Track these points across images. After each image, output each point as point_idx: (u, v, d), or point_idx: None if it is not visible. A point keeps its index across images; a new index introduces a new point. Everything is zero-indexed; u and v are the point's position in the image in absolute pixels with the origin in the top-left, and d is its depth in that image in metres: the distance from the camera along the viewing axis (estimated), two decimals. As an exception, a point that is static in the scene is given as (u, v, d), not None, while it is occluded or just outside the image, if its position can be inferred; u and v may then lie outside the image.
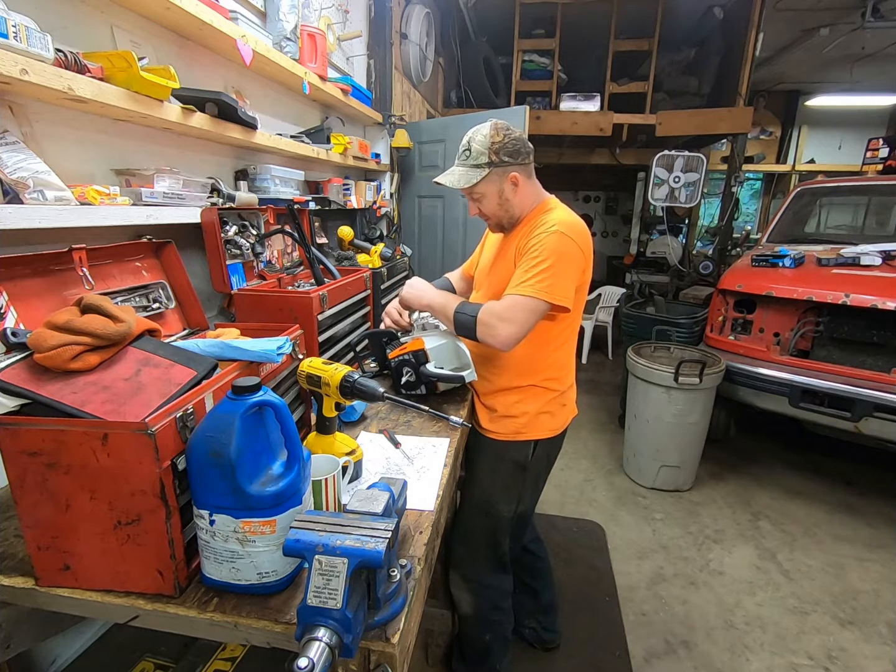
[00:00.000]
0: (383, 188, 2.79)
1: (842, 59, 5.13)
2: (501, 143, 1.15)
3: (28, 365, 0.70)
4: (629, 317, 3.32)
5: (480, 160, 1.16)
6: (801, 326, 2.58)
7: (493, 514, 1.36)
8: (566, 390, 1.35)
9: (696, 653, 1.74)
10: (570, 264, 1.13)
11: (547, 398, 1.30)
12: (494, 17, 4.23)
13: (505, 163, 1.16)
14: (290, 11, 1.68)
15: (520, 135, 1.19)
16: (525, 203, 1.24)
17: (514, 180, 1.18)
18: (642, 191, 6.33)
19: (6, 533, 0.81)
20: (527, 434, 1.30)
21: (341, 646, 0.55)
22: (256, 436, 0.68)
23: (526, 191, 1.22)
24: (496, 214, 1.24)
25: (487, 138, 1.15)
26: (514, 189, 1.20)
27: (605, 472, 2.92)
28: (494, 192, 1.20)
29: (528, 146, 1.21)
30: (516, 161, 1.17)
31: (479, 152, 1.16)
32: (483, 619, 1.44)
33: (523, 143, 1.19)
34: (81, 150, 1.09)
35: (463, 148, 1.20)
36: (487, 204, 1.22)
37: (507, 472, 1.33)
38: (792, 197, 3.63)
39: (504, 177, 1.18)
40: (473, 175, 1.18)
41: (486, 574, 1.42)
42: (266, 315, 1.27)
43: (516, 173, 1.18)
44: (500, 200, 1.21)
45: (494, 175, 1.17)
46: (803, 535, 2.37)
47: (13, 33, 0.78)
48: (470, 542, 1.42)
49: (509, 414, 1.30)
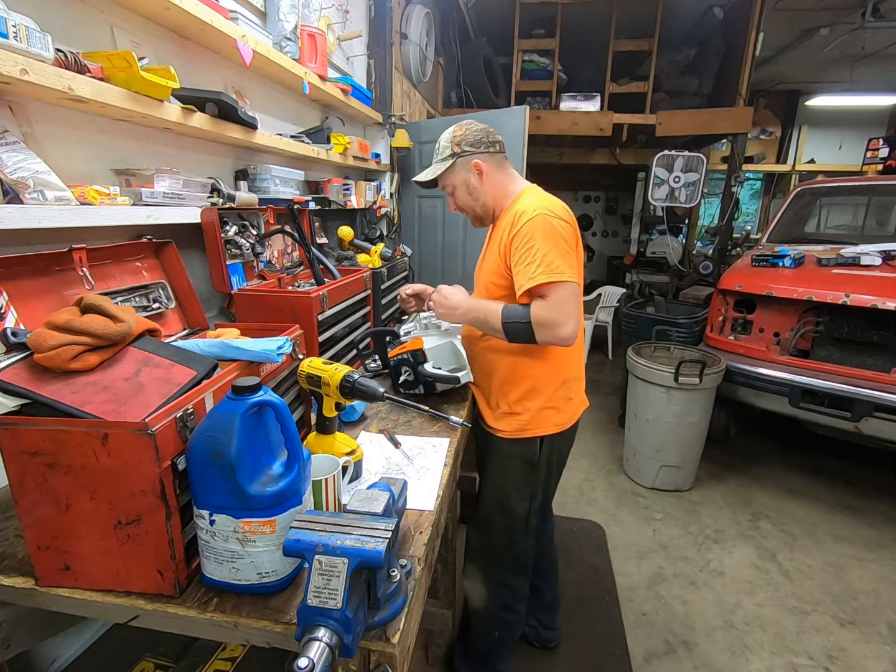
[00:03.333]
0: (383, 188, 2.79)
1: (842, 59, 5.13)
2: (462, 135, 1.24)
3: (28, 365, 0.70)
4: (629, 317, 3.32)
5: (445, 153, 1.26)
6: (801, 326, 2.58)
7: (508, 512, 1.36)
8: (571, 383, 1.32)
9: (696, 653, 1.74)
10: (565, 242, 1.14)
11: (549, 392, 1.28)
12: (494, 17, 4.23)
13: (466, 152, 1.24)
14: (290, 11, 1.68)
15: (484, 127, 1.26)
16: (495, 191, 1.27)
17: (476, 167, 1.24)
18: (642, 191, 6.33)
19: (6, 533, 0.81)
20: (532, 431, 1.29)
21: (341, 646, 0.55)
22: (256, 436, 0.68)
23: (495, 179, 1.27)
24: (468, 204, 1.30)
25: (451, 133, 1.26)
26: (480, 176, 1.25)
27: (605, 472, 2.92)
28: (462, 182, 1.27)
29: (494, 137, 1.27)
30: (478, 150, 1.24)
31: (444, 147, 1.27)
32: (493, 616, 1.43)
33: (486, 134, 1.25)
34: (81, 150, 1.09)
35: (436, 148, 1.30)
36: (460, 195, 1.30)
37: (518, 470, 1.32)
38: (792, 197, 3.63)
39: (467, 166, 1.25)
40: (439, 167, 1.27)
41: (503, 572, 1.41)
42: (266, 315, 1.27)
43: (478, 161, 1.24)
44: (468, 189, 1.27)
45: (459, 165, 1.25)
46: (803, 535, 2.37)
47: (13, 33, 0.78)
48: (488, 538, 1.41)
49: (512, 411, 1.30)
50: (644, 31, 4.20)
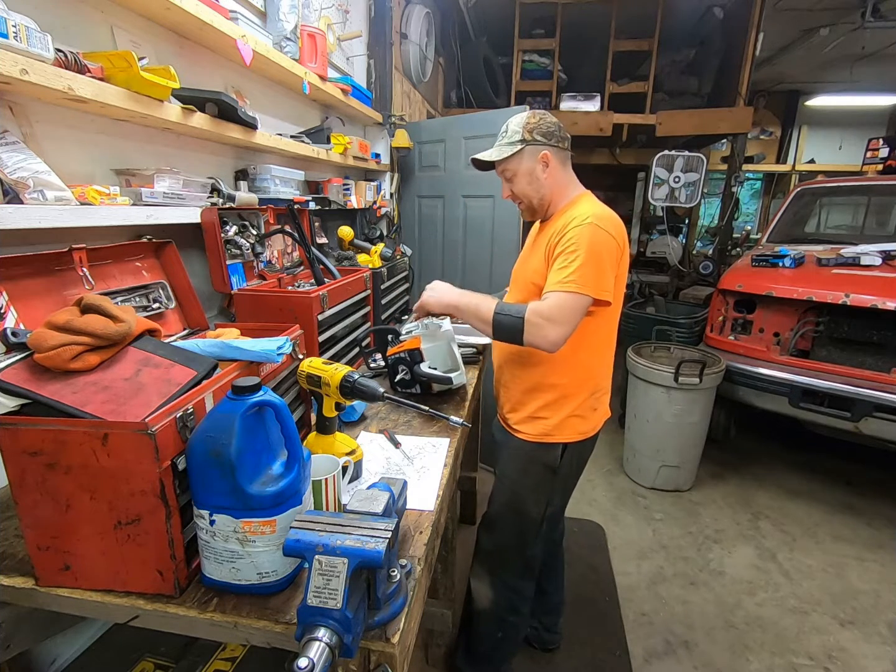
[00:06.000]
0: (383, 188, 2.79)
1: (842, 59, 5.12)
2: (536, 123, 1.21)
3: (28, 365, 0.70)
4: (629, 317, 3.32)
5: (514, 138, 1.22)
6: (801, 326, 2.58)
7: (521, 514, 1.34)
8: (599, 394, 1.30)
9: (696, 653, 1.74)
10: (607, 256, 1.11)
11: (578, 401, 1.25)
12: (494, 17, 4.23)
13: (538, 141, 1.20)
14: (290, 11, 1.68)
15: (557, 121, 1.24)
16: (556, 188, 1.25)
17: (544, 159, 1.21)
18: (642, 191, 6.32)
19: (6, 533, 0.81)
20: (555, 437, 1.26)
21: (341, 646, 0.55)
22: (256, 436, 0.68)
23: (558, 175, 1.24)
24: (526, 194, 1.26)
25: (524, 119, 1.22)
26: (545, 169, 1.22)
27: (605, 472, 2.92)
28: (525, 170, 1.23)
29: (565, 133, 1.25)
30: (549, 142, 1.21)
31: (514, 132, 1.22)
32: (497, 618, 1.42)
33: (559, 129, 1.23)
34: (81, 150, 1.09)
35: (501, 131, 1.26)
36: (518, 182, 1.25)
37: (537, 474, 1.30)
38: (792, 197, 3.63)
39: (535, 155, 1.21)
40: (506, 151, 1.23)
41: (511, 575, 1.40)
42: (266, 315, 1.27)
43: (548, 152, 1.21)
44: (530, 179, 1.23)
45: (527, 153, 1.21)
46: (803, 535, 2.37)
47: (13, 33, 0.78)
48: (498, 539, 1.40)
49: (538, 416, 1.27)
50: (644, 31, 4.20)
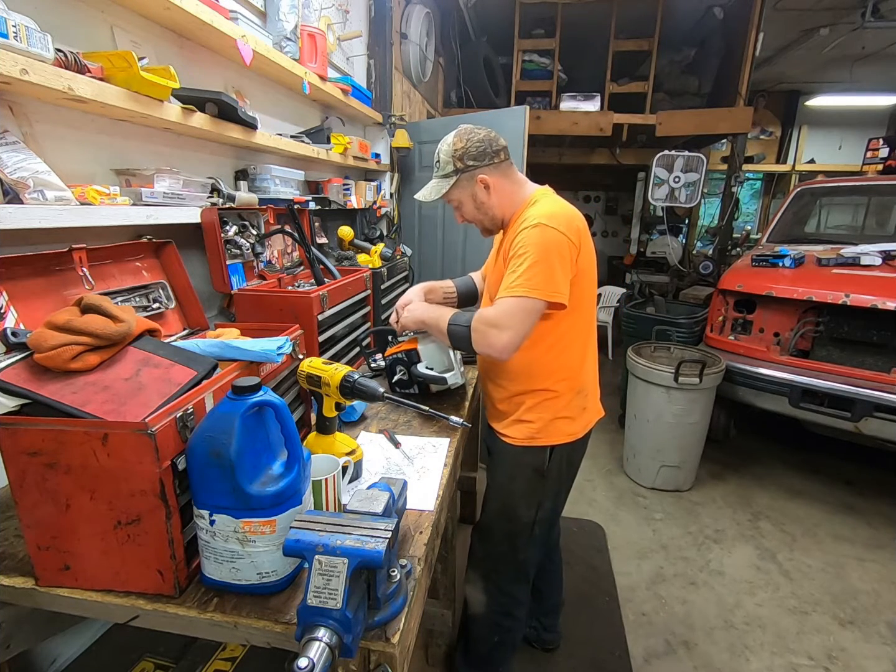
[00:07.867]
0: (383, 188, 2.79)
1: (842, 59, 5.12)
2: (464, 148, 1.16)
3: (28, 365, 0.70)
4: (629, 317, 3.32)
5: (447, 169, 1.18)
6: (801, 326, 2.58)
7: (513, 519, 1.32)
8: (585, 392, 1.27)
9: (696, 653, 1.74)
10: (558, 257, 1.07)
11: (562, 403, 1.23)
12: (494, 17, 4.23)
13: (470, 167, 1.16)
14: (290, 11, 1.68)
15: (486, 135, 1.18)
16: (504, 202, 1.21)
17: (483, 182, 1.17)
18: (642, 191, 6.32)
19: (6, 533, 0.81)
20: (542, 440, 1.25)
21: (341, 646, 0.56)
22: (256, 436, 0.68)
23: (503, 190, 1.20)
24: (477, 219, 1.24)
25: (451, 146, 1.17)
26: (487, 191, 1.18)
27: (605, 472, 2.92)
28: (468, 198, 1.20)
29: (497, 144, 1.18)
30: (483, 163, 1.16)
31: (445, 162, 1.18)
32: (493, 622, 1.41)
33: (489, 143, 1.17)
34: (81, 150, 1.09)
35: (435, 160, 1.22)
36: (466, 210, 1.23)
37: (525, 478, 1.28)
38: (792, 197, 3.63)
39: (473, 181, 1.18)
40: (443, 185, 1.19)
41: (505, 580, 1.38)
42: (266, 315, 1.27)
43: (484, 175, 1.17)
44: (475, 204, 1.21)
45: (463, 181, 1.18)
46: (803, 535, 2.37)
47: (13, 33, 0.78)
48: (490, 544, 1.38)
49: (523, 419, 1.25)
50: (644, 31, 4.20)
